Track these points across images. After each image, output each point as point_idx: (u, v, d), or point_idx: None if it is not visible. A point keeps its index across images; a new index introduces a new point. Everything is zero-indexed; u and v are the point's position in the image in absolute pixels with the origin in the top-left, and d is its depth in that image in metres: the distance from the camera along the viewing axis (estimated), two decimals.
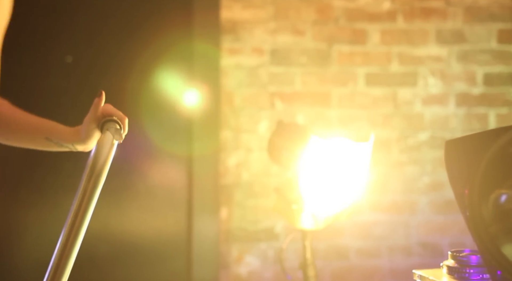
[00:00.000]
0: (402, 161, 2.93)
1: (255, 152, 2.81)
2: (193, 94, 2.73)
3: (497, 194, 0.90)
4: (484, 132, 0.91)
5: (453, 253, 1.23)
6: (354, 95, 2.89)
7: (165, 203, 2.74)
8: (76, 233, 0.98)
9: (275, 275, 2.80)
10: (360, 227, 2.89)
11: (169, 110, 2.75)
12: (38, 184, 2.65)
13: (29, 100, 2.68)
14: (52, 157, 2.68)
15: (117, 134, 1.00)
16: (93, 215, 2.80)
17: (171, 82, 2.74)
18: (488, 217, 0.89)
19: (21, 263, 2.62)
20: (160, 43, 2.72)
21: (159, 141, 2.75)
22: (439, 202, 2.95)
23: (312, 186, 1.76)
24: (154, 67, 2.72)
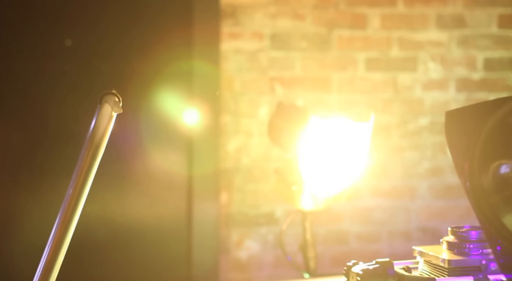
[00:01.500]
0: (402, 146, 2.93)
1: (255, 136, 2.80)
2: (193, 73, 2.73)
3: (497, 164, 0.89)
4: (485, 103, 0.91)
5: (453, 229, 1.23)
6: (354, 80, 2.88)
7: (165, 187, 2.74)
8: (75, 205, 0.98)
9: (275, 259, 2.81)
10: (360, 212, 2.89)
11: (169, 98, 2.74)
12: (38, 168, 2.65)
13: (28, 84, 2.67)
14: (53, 141, 2.68)
15: (116, 106, 0.99)
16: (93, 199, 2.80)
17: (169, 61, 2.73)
18: (488, 187, 0.88)
19: (21, 247, 2.62)
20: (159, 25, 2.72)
21: (159, 127, 2.75)
22: (439, 187, 2.95)
23: (312, 167, 1.76)
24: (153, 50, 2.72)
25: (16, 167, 2.66)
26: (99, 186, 2.71)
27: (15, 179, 2.66)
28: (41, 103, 2.66)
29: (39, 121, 2.65)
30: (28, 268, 1.14)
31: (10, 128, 2.63)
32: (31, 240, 2.59)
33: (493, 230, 0.85)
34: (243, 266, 2.80)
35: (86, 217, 2.67)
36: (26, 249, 2.60)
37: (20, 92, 2.65)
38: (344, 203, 2.87)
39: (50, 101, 2.64)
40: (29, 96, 2.65)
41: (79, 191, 0.97)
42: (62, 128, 2.62)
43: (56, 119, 2.64)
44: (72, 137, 2.58)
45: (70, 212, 0.97)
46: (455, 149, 0.91)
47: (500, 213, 0.87)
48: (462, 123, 0.91)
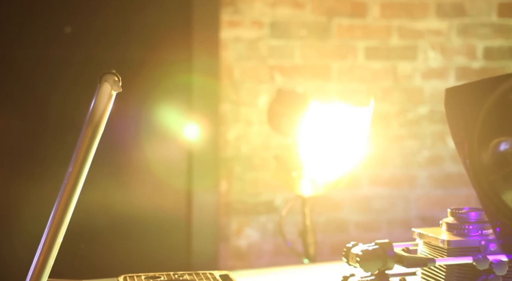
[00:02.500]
0: (402, 134, 2.93)
1: (255, 125, 2.80)
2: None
3: (497, 141, 0.89)
4: (485, 80, 0.91)
5: (453, 210, 1.23)
6: (354, 69, 2.88)
7: (165, 176, 2.74)
8: (75, 183, 0.98)
9: (275, 247, 2.81)
10: (360, 200, 2.90)
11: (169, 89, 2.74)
12: (39, 156, 2.65)
13: (28, 72, 2.67)
14: (54, 129, 2.68)
15: (116, 85, 1.00)
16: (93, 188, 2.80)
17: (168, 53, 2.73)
18: (488, 164, 0.88)
19: (22, 236, 2.62)
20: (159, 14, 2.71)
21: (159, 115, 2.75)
22: (439, 176, 2.95)
23: (311, 152, 1.76)
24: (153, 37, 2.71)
25: (17, 156, 2.66)
26: (99, 174, 2.72)
27: (15, 168, 2.66)
28: (41, 92, 2.66)
29: (39, 110, 2.65)
30: (28, 257, 1.15)
31: (11, 116, 2.63)
32: (31, 229, 2.59)
33: (493, 207, 0.85)
34: (243, 254, 2.80)
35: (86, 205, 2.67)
36: (26, 237, 2.60)
37: (20, 80, 2.64)
38: (344, 191, 2.87)
39: (50, 90, 2.64)
40: (29, 85, 2.65)
41: (79, 169, 0.97)
42: (63, 116, 2.61)
43: (56, 108, 2.64)
44: (72, 125, 2.57)
45: (70, 189, 0.97)
46: (455, 126, 0.91)
47: (500, 190, 0.87)
48: (462, 101, 0.91)
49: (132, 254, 2.71)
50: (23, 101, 2.66)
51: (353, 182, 2.86)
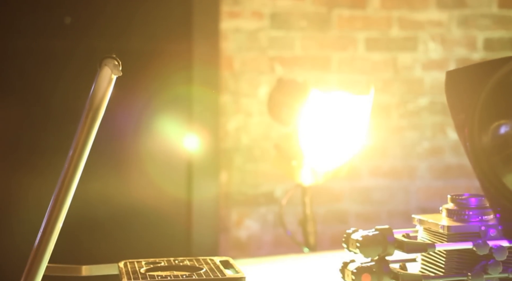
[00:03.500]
0: (402, 126, 2.93)
1: (255, 116, 2.80)
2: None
3: (497, 124, 0.89)
4: (485, 62, 0.91)
5: (453, 196, 1.23)
6: (354, 60, 2.88)
7: (165, 167, 2.74)
8: (75, 167, 0.98)
9: (275, 238, 2.81)
10: (360, 192, 2.90)
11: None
12: (38, 145, 2.65)
13: (27, 61, 2.67)
14: (52, 118, 2.68)
15: (116, 69, 1.00)
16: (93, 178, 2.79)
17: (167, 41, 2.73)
18: (488, 146, 0.88)
19: (21, 225, 2.62)
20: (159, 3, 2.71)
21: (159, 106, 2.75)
22: (439, 167, 2.95)
23: (312, 141, 1.75)
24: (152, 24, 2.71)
25: (15, 144, 2.66)
26: (99, 165, 2.72)
27: (14, 157, 2.66)
28: (40, 81, 2.65)
29: (38, 99, 2.65)
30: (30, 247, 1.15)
31: (10, 105, 2.63)
32: (31, 217, 2.59)
33: (493, 190, 0.85)
34: (243, 245, 2.81)
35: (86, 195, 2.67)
36: (25, 226, 2.60)
37: (21, 71, 2.64)
38: (344, 182, 2.87)
39: (49, 79, 2.64)
40: (27, 74, 2.65)
41: (80, 153, 0.97)
42: (61, 105, 2.61)
43: (55, 97, 2.64)
44: (71, 114, 2.57)
45: (70, 173, 0.97)
46: (455, 109, 0.91)
47: (500, 172, 0.87)
48: (462, 83, 0.90)
49: (132, 245, 2.72)
50: (24, 92, 2.66)
51: (353, 173, 2.86)
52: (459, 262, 1.17)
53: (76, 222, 2.54)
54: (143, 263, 1.17)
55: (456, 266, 1.17)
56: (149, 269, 1.13)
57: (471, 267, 1.15)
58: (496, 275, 1.14)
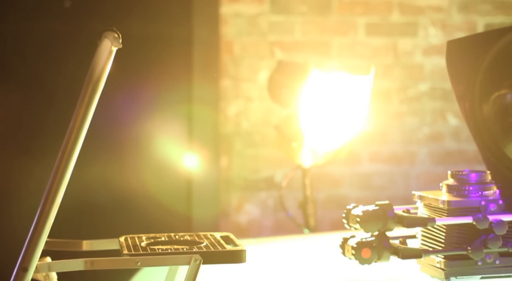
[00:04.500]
0: (402, 111, 2.93)
1: (255, 101, 2.80)
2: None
3: (498, 93, 0.89)
4: (486, 32, 0.91)
5: (453, 172, 1.23)
6: (354, 45, 2.87)
7: (166, 151, 2.74)
8: (75, 140, 0.98)
9: (275, 223, 2.82)
10: (360, 177, 2.90)
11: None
12: (37, 129, 2.65)
13: (27, 45, 2.66)
14: (52, 102, 2.67)
15: (116, 41, 0.99)
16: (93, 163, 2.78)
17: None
18: (489, 116, 0.88)
19: (21, 209, 2.62)
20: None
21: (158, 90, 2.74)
22: (439, 153, 2.95)
23: (312, 121, 1.75)
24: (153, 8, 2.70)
25: (15, 129, 2.66)
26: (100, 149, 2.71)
27: (14, 141, 2.66)
28: (40, 65, 2.65)
29: (37, 83, 2.65)
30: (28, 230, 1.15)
31: (9, 90, 2.63)
32: (33, 203, 2.59)
33: (494, 159, 0.85)
34: (243, 230, 2.81)
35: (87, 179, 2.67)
36: (25, 211, 2.60)
37: (20, 54, 2.64)
38: (344, 168, 2.87)
39: (49, 63, 2.64)
40: (28, 58, 2.64)
41: (80, 126, 0.97)
42: (61, 89, 2.61)
43: (55, 81, 2.64)
44: (71, 98, 2.57)
45: (71, 146, 0.97)
46: (456, 78, 0.91)
47: (501, 141, 0.87)
48: (463, 53, 0.90)
49: (132, 229, 2.71)
50: (21, 75, 2.65)
51: (353, 159, 2.86)
52: (459, 236, 1.17)
53: (76, 207, 2.54)
54: (144, 238, 1.17)
55: (456, 240, 1.17)
56: (149, 244, 1.13)
57: (471, 242, 1.15)
58: (495, 249, 1.15)
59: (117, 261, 1.01)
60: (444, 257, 1.16)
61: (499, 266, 1.15)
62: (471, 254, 1.14)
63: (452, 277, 1.15)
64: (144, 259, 1.02)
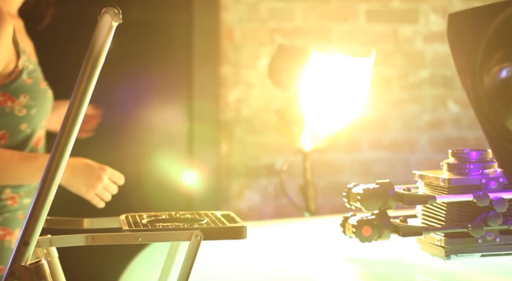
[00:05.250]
0: (403, 98, 2.92)
1: (255, 87, 2.80)
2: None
3: (499, 66, 0.89)
4: (488, 5, 0.90)
5: (454, 151, 1.23)
6: (355, 32, 2.87)
7: (166, 138, 2.74)
8: (76, 115, 0.97)
9: (276, 210, 2.82)
10: (360, 164, 2.90)
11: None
12: None
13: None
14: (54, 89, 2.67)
15: (116, 17, 0.99)
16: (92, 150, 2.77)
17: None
18: (490, 89, 0.88)
19: None
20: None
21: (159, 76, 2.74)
22: (439, 140, 2.95)
23: (312, 104, 1.75)
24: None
25: None
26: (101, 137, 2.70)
27: None
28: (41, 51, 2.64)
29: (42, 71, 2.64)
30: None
31: None
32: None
33: (494, 131, 0.85)
34: (243, 216, 2.80)
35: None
36: None
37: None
38: (344, 155, 2.87)
39: (50, 50, 2.63)
40: None
41: (80, 100, 0.97)
42: (63, 76, 2.60)
43: (56, 67, 2.63)
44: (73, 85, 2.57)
45: (72, 120, 0.97)
46: (457, 51, 0.90)
47: (502, 114, 0.87)
48: (465, 26, 0.90)
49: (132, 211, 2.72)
50: None
51: (353, 146, 2.86)
52: (460, 214, 1.17)
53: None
54: (145, 216, 1.17)
55: (457, 218, 1.17)
56: (150, 221, 1.13)
57: (472, 219, 1.15)
58: (496, 227, 1.15)
59: (118, 236, 1.01)
60: (444, 235, 1.16)
61: (499, 244, 1.16)
62: (472, 231, 1.14)
63: (452, 255, 1.15)
64: (145, 235, 1.02)
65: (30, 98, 1.56)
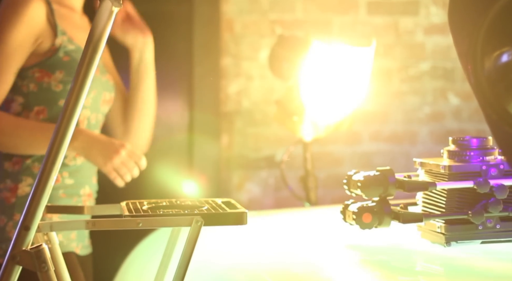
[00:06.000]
0: (403, 90, 2.92)
1: (256, 79, 2.79)
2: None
3: (501, 50, 0.89)
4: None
5: (454, 138, 1.23)
6: (355, 24, 2.86)
7: (166, 130, 2.74)
8: (76, 101, 0.97)
9: (276, 202, 2.82)
10: (361, 156, 2.90)
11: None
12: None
13: None
14: None
15: (116, 1, 0.99)
16: None
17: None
18: (491, 73, 0.88)
19: None
20: None
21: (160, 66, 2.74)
22: (440, 132, 2.95)
23: (313, 94, 1.75)
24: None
25: None
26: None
27: None
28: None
29: None
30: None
31: None
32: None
33: (495, 116, 0.84)
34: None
35: None
36: None
37: None
38: (344, 147, 2.87)
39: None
40: None
41: (81, 85, 0.97)
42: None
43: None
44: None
45: (72, 106, 0.97)
46: (458, 34, 0.90)
47: (503, 98, 0.87)
48: (466, 8, 0.90)
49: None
50: None
51: (354, 138, 2.86)
52: (460, 201, 1.17)
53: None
54: (145, 203, 1.17)
55: (457, 205, 1.17)
56: (151, 208, 1.13)
57: (472, 206, 1.15)
58: (496, 214, 1.15)
59: (119, 221, 1.01)
60: (444, 221, 1.16)
61: (499, 231, 1.16)
62: (472, 218, 1.14)
63: (453, 242, 1.15)
64: (146, 220, 1.02)
65: (66, 74, 1.64)
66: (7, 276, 0.93)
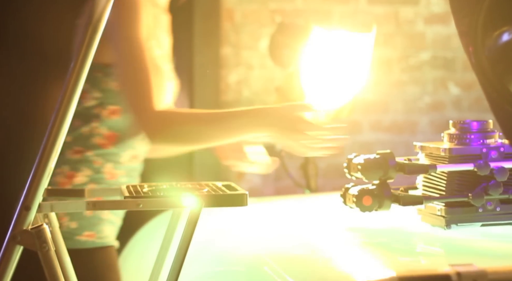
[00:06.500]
0: (403, 80, 2.92)
1: (256, 69, 2.79)
2: None
3: (502, 29, 0.89)
4: None
5: (454, 122, 1.23)
6: (356, 14, 2.86)
7: None
8: (76, 81, 0.98)
9: (276, 191, 2.82)
10: (361, 146, 2.90)
11: None
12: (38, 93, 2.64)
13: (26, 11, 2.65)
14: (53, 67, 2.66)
15: None
16: None
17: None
18: (492, 52, 0.88)
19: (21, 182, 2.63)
20: None
21: None
22: (440, 122, 2.95)
23: (313, 81, 1.75)
24: None
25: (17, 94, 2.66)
26: None
27: (16, 106, 2.66)
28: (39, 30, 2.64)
29: (37, 48, 2.64)
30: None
31: (10, 55, 2.62)
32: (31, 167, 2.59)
33: (496, 95, 0.85)
34: None
35: None
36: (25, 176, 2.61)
37: (18, 18, 2.63)
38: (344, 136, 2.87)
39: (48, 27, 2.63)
40: (27, 23, 2.64)
41: (80, 67, 0.97)
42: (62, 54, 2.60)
43: (55, 46, 2.63)
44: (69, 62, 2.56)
45: (71, 89, 0.98)
46: (459, 13, 0.90)
47: (504, 77, 0.86)
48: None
49: None
50: (21, 39, 2.64)
51: (354, 127, 2.86)
52: (460, 184, 1.17)
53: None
54: (145, 186, 1.17)
55: (457, 188, 1.17)
56: (151, 190, 1.13)
57: (472, 189, 1.15)
58: (496, 196, 1.15)
59: (119, 202, 1.01)
60: (444, 204, 1.16)
61: (499, 213, 1.16)
62: (472, 200, 1.14)
63: (453, 224, 1.15)
64: (146, 202, 1.02)
65: None
66: (8, 256, 0.93)
